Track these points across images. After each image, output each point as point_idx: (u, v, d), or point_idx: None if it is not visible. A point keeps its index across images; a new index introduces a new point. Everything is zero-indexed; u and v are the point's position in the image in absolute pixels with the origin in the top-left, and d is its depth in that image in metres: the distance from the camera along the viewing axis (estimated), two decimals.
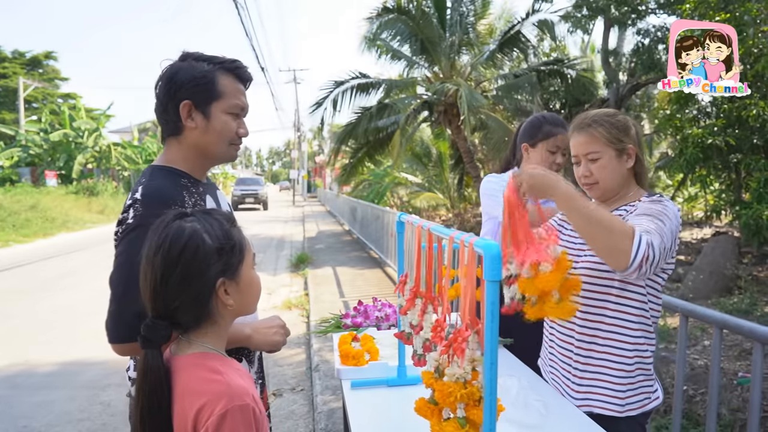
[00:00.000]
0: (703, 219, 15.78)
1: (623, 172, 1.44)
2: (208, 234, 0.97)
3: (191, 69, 1.24)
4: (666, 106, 10.80)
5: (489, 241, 0.82)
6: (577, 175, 1.51)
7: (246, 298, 1.03)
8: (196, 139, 1.26)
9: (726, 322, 1.72)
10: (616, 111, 1.50)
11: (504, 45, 10.55)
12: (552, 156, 2.13)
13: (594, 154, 1.44)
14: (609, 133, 1.42)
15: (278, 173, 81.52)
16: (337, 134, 13.01)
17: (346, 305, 5.80)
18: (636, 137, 1.46)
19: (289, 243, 12.00)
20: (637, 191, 1.47)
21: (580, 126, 1.48)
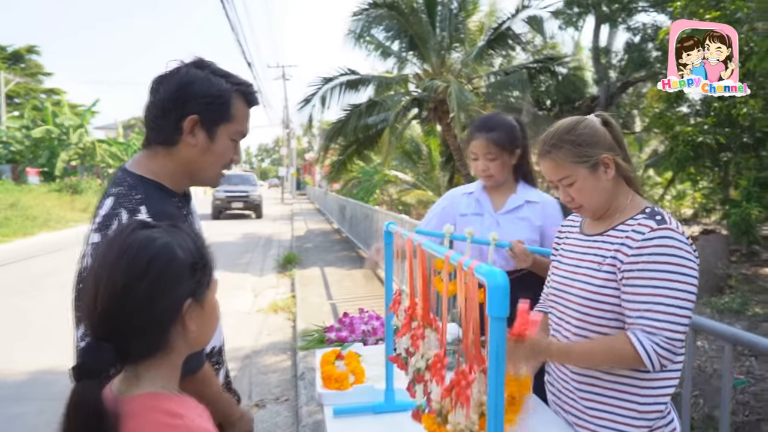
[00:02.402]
0: (691, 217, 15.85)
1: (606, 186, 1.28)
2: (180, 247, 0.82)
3: (208, 83, 1.13)
4: (656, 104, 10.77)
5: (493, 268, 0.67)
6: (561, 199, 1.37)
7: (206, 327, 0.88)
8: (190, 157, 1.14)
9: (739, 338, 1.60)
10: (576, 121, 1.31)
11: (494, 41, 10.44)
12: (475, 163, 2.01)
13: (566, 179, 1.29)
14: (572, 152, 1.27)
15: (267, 170, 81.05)
16: (326, 131, 12.83)
17: (333, 308, 5.66)
18: (610, 141, 1.30)
19: (277, 242, 11.82)
20: (632, 201, 1.31)
21: (540, 153, 1.33)
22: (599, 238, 1.31)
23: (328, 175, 15.66)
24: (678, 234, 1.17)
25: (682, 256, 1.16)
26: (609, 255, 1.25)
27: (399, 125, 11.01)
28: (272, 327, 5.23)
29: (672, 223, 1.20)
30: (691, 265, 1.16)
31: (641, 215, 1.25)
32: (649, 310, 1.16)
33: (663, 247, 1.16)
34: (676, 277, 1.15)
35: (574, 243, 1.41)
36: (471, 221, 2.04)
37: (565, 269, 1.39)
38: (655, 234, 1.18)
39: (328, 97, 11.11)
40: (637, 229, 1.21)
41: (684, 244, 1.17)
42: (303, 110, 11.46)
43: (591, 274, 1.29)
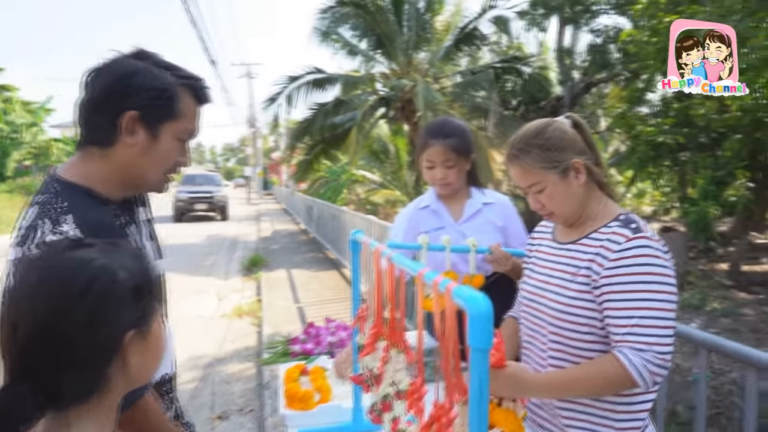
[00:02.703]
0: (650, 214, 16.30)
1: (577, 192, 1.22)
2: (121, 269, 0.71)
3: (151, 76, 1.00)
4: (618, 104, 11.00)
5: (475, 293, 0.59)
6: (531, 206, 1.30)
7: (150, 361, 0.76)
8: (129, 159, 1.01)
9: (716, 345, 1.57)
10: (545, 123, 1.24)
11: (461, 41, 10.46)
12: (430, 172, 1.90)
13: (535, 186, 1.22)
14: (540, 158, 1.20)
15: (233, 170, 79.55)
16: (293, 130, 12.63)
17: (300, 311, 5.53)
18: (580, 144, 1.23)
19: (242, 243, 11.56)
20: (605, 207, 1.24)
21: (508, 158, 1.26)
22: (572, 247, 1.25)
23: (294, 174, 15.43)
24: (654, 242, 1.12)
25: (660, 264, 1.11)
26: (583, 265, 1.19)
27: (366, 124, 10.92)
28: (237, 333, 5.07)
29: (647, 230, 1.14)
30: (670, 273, 1.12)
31: (615, 223, 1.19)
32: (636, 325, 1.10)
33: (641, 257, 1.11)
34: (658, 288, 1.10)
35: (546, 251, 1.34)
36: (434, 238, 1.90)
37: (538, 278, 1.32)
38: (631, 244, 1.12)
39: (294, 96, 10.93)
40: (612, 239, 1.15)
41: (661, 252, 1.12)
42: (268, 109, 11.25)
43: (564, 285, 1.22)
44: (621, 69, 10.96)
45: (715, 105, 7.71)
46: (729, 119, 7.53)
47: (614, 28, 11.31)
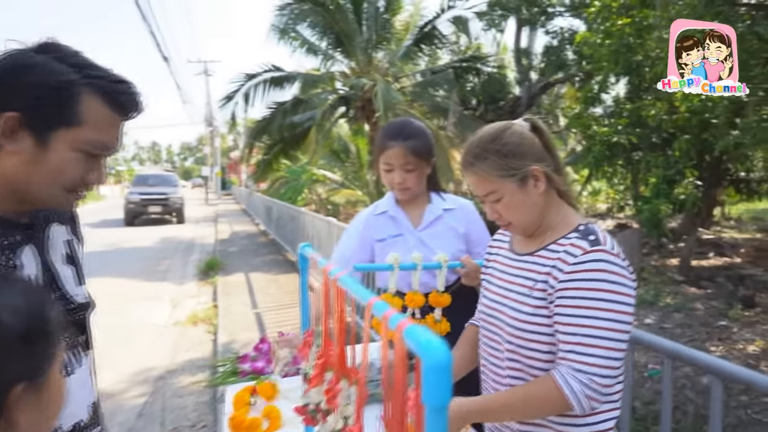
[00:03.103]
0: (605, 212, 16.78)
1: (536, 201, 1.15)
2: (6, 309, 0.59)
3: (46, 70, 0.83)
4: (574, 105, 11.23)
5: (432, 339, 0.50)
6: (488, 216, 1.24)
7: (46, 418, 0.64)
8: (13, 169, 0.84)
9: (678, 353, 1.55)
10: (502, 128, 1.16)
11: (420, 41, 10.45)
12: (388, 175, 1.79)
13: (492, 195, 1.15)
14: (497, 165, 1.12)
15: (191, 170, 77.54)
16: (251, 129, 12.35)
17: (258, 318, 5.36)
18: (539, 150, 1.16)
19: (199, 246, 11.20)
20: (565, 217, 1.18)
21: (464, 165, 1.18)
22: (530, 259, 1.19)
23: (253, 174, 15.11)
24: (613, 256, 1.06)
25: (617, 281, 1.04)
26: (540, 279, 1.13)
27: (326, 124, 10.78)
28: (191, 342, 4.86)
29: (607, 243, 1.07)
30: (627, 291, 1.05)
31: (574, 234, 1.12)
32: (579, 343, 1.04)
33: (596, 271, 1.04)
34: (610, 306, 1.03)
35: (503, 262, 1.28)
36: (391, 245, 1.84)
37: (495, 292, 1.26)
38: (587, 257, 1.06)
39: (251, 95, 10.68)
40: (569, 251, 1.09)
41: (619, 267, 1.05)
42: (225, 108, 10.95)
43: (521, 299, 1.16)
44: (576, 70, 11.19)
45: (666, 106, 7.96)
46: (678, 120, 7.78)
47: (569, 30, 11.57)
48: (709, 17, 5.80)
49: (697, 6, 5.73)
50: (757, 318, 5.67)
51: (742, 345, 4.91)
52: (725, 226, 12.77)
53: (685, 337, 5.38)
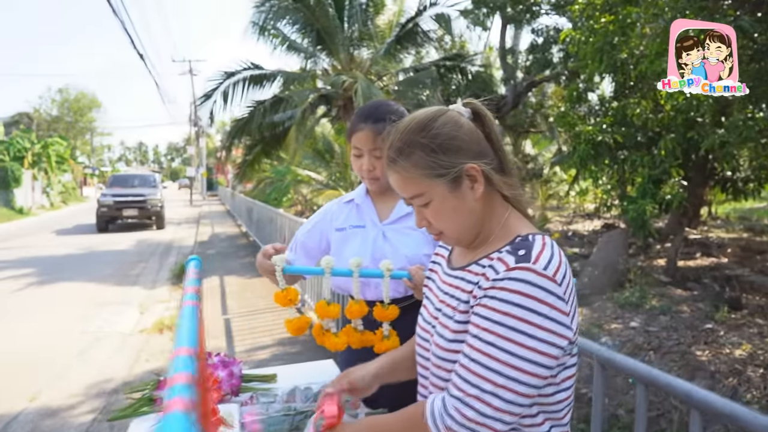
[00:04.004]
0: (593, 211, 16.70)
1: (472, 207, 0.94)
2: None
3: None
4: (560, 103, 11.11)
5: None
6: (416, 223, 1.01)
7: None
8: None
9: (654, 380, 1.34)
10: (433, 115, 0.94)
11: (403, 38, 10.24)
12: (357, 161, 1.61)
13: (418, 198, 0.94)
14: (424, 161, 0.91)
15: (178, 170, 76.85)
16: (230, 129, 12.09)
17: (227, 324, 5.12)
18: (479, 143, 0.94)
19: (177, 249, 10.91)
20: (506, 225, 0.96)
21: (386, 162, 0.97)
22: (459, 275, 0.98)
23: (236, 175, 14.84)
24: (542, 278, 0.83)
25: (534, 309, 0.82)
26: (463, 299, 0.93)
27: (308, 123, 10.55)
28: (154, 350, 4.61)
29: (540, 260, 0.85)
30: (545, 324, 0.82)
31: (507, 247, 0.91)
32: (466, 368, 0.85)
33: (512, 293, 0.83)
34: (517, 337, 0.82)
35: (440, 277, 1.07)
36: (350, 236, 1.65)
37: (430, 311, 1.05)
38: (507, 275, 0.84)
39: (230, 93, 10.40)
40: (495, 266, 0.88)
41: (545, 293, 0.82)
42: (203, 106, 10.67)
43: (445, 323, 0.95)
44: (562, 68, 11.07)
45: (651, 105, 7.85)
46: (663, 119, 7.68)
47: (554, 28, 11.44)
48: (693, 13, 5.66)
49: (680, 0, 5.59)
50: (744, 320, 5.54)
51: (729, 349, 4.76)
52: (712, 225, 12.70)
53: (671, 341, 5.24)
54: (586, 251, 9.70)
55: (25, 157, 21.89)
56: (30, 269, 8.37)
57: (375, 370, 1.17)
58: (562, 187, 17.28)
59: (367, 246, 1.61)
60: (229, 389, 1.58)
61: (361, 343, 1.52)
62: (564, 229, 12.47)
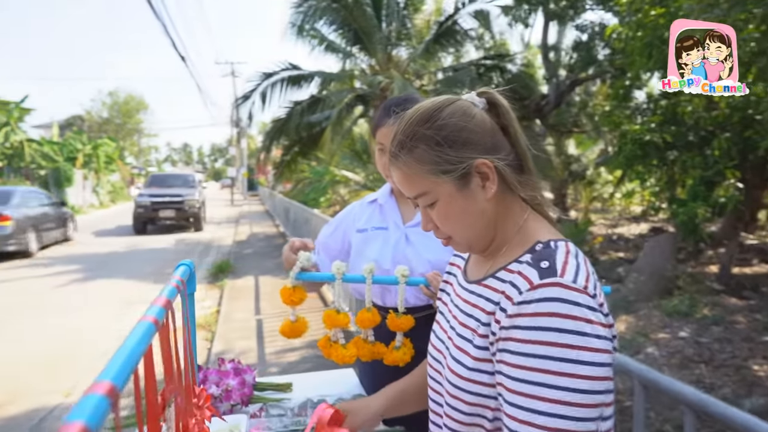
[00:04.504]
0: (640, 214, 16.04)
1: (484, 208, 0.82)
2: None
3: None
4: (605, 102, 10.70)
5: None
6: (422, 227, 0.89)
7: None
8: None
9: (705, 408, 1.17)
10: (440, 104, 0.83)
11: (441, 36, 10.07)
12: (381, 158, 1.48)
13: (423, 197, 0.83)
14: (429, 156, 0.80)
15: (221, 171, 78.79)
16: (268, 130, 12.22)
17: (259, 324, 5.10)
18: (493, 136, 0.82)
19: (216, 248, 11.07)
20: (523, 229, 0.84)
21: (389, 157, 0.86)
22: (477, 289, 0.85)
23: (274, 175, 15.00)
24: (573, 292, 0.70)
25: (573, 330, 0.68)
26: (484, 321, 0.79)
27: (347, 122, 10.52)
28: None
29: (567, 271, 0.72)
30: (590, 344, 0.68)
31: (527, 256, 0.78)
32: (512, 417, 0.70)
33: (543, 316, 0.69)
34: (560, 367, 0.68)
35: (455, 290, 0.94)
36: (371, 238, 1.55)
37: (444, 328, 0.92)
38: (533, 295, 0.71)
39: (268, 94, 10.50)
40: (516, 282, 0.75)
41: (580, 308, 0.69)
42: (243, 107, 10.81)
43: (464, 347, 0.82)
44: (607, 66, 10.67)
45: (704, 102, 7.43)
46: (718, 117, 7.27)
47: (600, 24, 11.02)
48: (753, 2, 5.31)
49: None
50: None
51: None
52: None
53: (725, 353, 4.90)
54: (632, 256, 9.29)
55: (77, 157, 22.83)
56: (73, 266, 8.64)
57: (378, 407, 1.10)
58: (607, 189, 16.69)
59: (388, 249, 1.51)
60: (239, 398, 1.49)
61: (371, 355, 1.41)
62: (608, 233, 11.99)
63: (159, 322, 0.57)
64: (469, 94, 0.86)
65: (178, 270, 0.88)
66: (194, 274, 0.99)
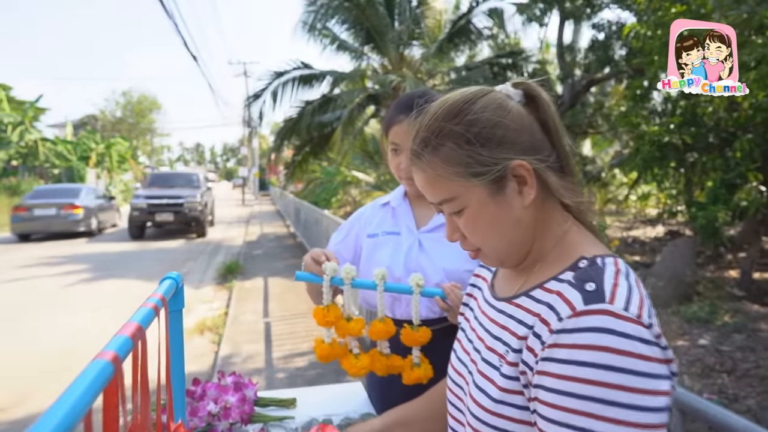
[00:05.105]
0: (656, 217, 15.75)
1: (519, 217, 0.70)
2: None
3: None
4: (622, 102, 10.49)
5: None
6: (447, 236, 0.78)
7: None
8: None
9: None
10: (472, 96, 0.71)
11: (454, 35, 9.93)
12: (395, 159, 1.38)
13: (449, 204, 0.71)
14: (458, 156, 0.68)
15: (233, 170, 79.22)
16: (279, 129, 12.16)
17: (267, 327, 5.00)
18: (532, 134, 0.70)
19: (226, 248, 11.02)
20: (563, 242, 0.72)
21: (410, 157, 0.74)
22: (507, 309, 0.73)
23: (285, 175, 14.95)
24: (624, 321, 0.58)
25: (622, 367, 0.56)
26: (514, 346, 0.67)
27: (358, 122, 10.42)
28: (193, 353, 4.53)
29: (617, 296, 0.60)
30: (642, 385, 0.56)
31: (568, 275, 0.66)
32: None
33: (588, 350, 0.57)
34: (606, 412, 0.56)
35: (480, 306, 0.82)
36: (382, 243, 1.44)
37: (466, 349, 0.81)
38: (576, 323, 0.59)
39: (279, 93, 10.44)
40: (555, 305, 0.63)
41: (632, 341, 0.57)
42: (253, 106, 10.76)
43: (489, 374, 0.70)
44: (624, 65, 10.46)
45: (725, 103, 7.23)
46: (739, 118, 7.07)
47: (617, 23, 10.80)
48: None
49: None
50: None
51: None
52: None
53: (748, 363, 4.72)
54: (649, 260, 9.08)
55: (90, 156, 23.00)
56: (83, 265, 8.63)
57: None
58: (622, 191, 16.42)
59: (399, 255, 1.39)
60: (238, 417, 1.38)
61: (387, 370, 1.29)
62: (624, 236, 11.77)
63: (120, 358, 0.45)
64: (504, 86, 0.75)
65: (162, 285, 0.76)
66: (182, 288, 0.88)
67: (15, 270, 8.36)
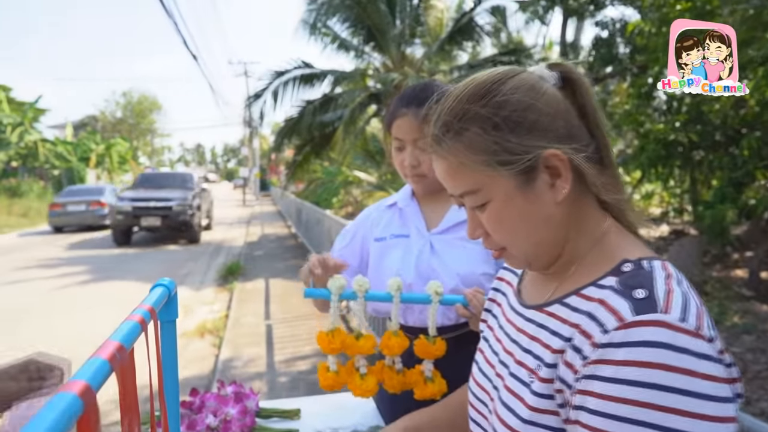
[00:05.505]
0: (659, 216, 15.65)
1: (550, 213, 0.62)
2: None
3: None
4: (626, 101, 10.40)
5: None
6: (468, 233, 0.70)
7: None
8: None
9: None
10: (500, 77, 0.62)
11: (457, 33, 9.84)
12: (399, 155, 1.28)
13: (471, 196, 0.64)
14: (483, 143, 0.60)
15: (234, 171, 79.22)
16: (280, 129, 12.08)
17: (268, 330, 4.91)
18: (567, 120, 0.62)
19: (227, 249, 10.92)
20: (603, 243, 0.63)
21: (429, 144, 0.66)
22: (537, 318, 0.65)
23: (286, 175, 14.87)
24: (681, 333, 0.50)
25: (679, 388, 0.48)
26: (548, 360, 0.59)
27: (360, 122, 10.33)
28: (192, 356, 4.44)
29: (672, 305, 0.52)
30: (702, 410, 0.48)
31: (611, 280, 0.58)
32: None
33: (640, 367, 0.50)
34: None
35: (506, 313, 0.74)
36: (390, 247, 1.33)
37: (489, 361, 0.72)
38: (627, 336, 0.51)
39: (280, 92, 10.34)
40: (598, 315, 0.55)
41: (691, 358, 0.49)
42: (254, 105, 10.67)
43: (517, 390, 0.62)
44: (628, 63, 10.37)
45: (732, 100, 7.15)
46: (747, 115, 6.99)
47: (621, 20, 10.71)
48: None
49: None
50: None
51: None
52: None
53: (759, 365, 4.62)
54: None
55: (90, 157, 22.95)
56: (82, 267, 8.54)
57: None
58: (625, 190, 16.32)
59: (410, 259, 1.28)
60: (239, 430, 1.29)
61: (402, 387, 1.19)
62: None
63: (92, 389, 0.36)
64: (537, 66, 0.66)
65: (151, 293, 0.67)
66: (175, 296, 0.78)
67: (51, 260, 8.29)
